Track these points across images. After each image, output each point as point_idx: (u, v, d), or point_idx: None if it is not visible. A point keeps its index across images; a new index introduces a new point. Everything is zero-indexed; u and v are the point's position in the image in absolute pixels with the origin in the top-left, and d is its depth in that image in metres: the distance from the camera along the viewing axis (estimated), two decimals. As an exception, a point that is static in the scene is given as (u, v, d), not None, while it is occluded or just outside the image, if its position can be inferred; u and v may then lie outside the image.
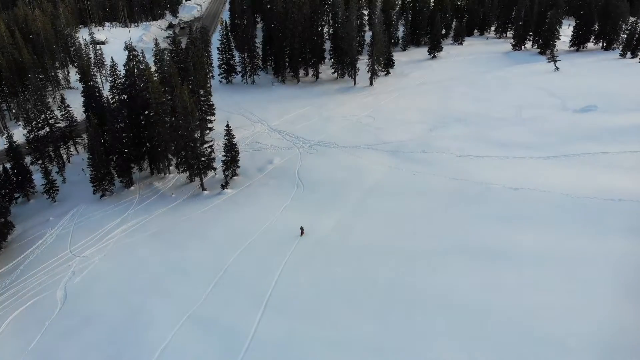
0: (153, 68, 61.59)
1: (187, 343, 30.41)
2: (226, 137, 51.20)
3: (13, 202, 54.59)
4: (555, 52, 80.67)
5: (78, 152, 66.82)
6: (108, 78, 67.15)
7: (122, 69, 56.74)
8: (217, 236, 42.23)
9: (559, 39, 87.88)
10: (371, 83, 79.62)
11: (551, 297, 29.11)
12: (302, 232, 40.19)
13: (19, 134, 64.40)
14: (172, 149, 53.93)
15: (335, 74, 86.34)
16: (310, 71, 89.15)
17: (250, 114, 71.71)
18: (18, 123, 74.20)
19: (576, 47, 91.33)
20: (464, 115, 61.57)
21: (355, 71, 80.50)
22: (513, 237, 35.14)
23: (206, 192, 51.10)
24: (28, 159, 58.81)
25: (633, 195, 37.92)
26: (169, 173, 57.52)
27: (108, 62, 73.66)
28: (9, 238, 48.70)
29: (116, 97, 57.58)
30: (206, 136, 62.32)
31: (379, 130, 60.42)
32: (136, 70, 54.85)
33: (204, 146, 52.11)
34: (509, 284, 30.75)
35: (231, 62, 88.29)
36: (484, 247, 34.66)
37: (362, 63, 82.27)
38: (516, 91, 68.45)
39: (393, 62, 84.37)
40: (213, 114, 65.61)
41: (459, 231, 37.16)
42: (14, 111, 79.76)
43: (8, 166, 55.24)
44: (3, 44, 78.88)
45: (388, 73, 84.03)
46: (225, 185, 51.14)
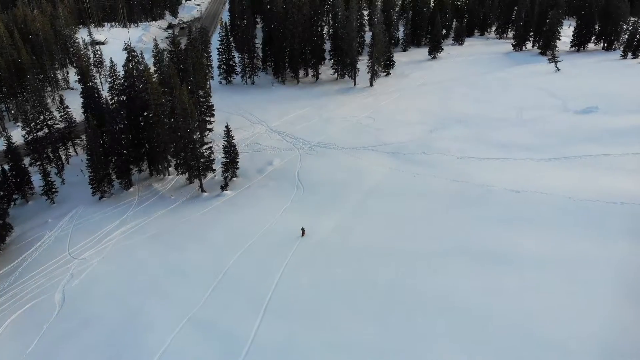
0: (152, 69, 61.35)
1: (187, 347, 30.21)
2: (226, 139, 50.97)
3: (11, 204, 54.33)
4: (556, 53, 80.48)
5: (77, 153, 66.55)
6: (107, 79, 66.82)
7: (121, 70, 56.48)
8: (217, 238, 42.01)
9: (560, 40, 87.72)
10: (371, 84, 79.39)
11: (552, 300, 28.98)
12: (303, 233, 40.02)
13: (18, 135, 64.25)
14: (172, 150, 53.70)
15: (335, 75, 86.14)
16: (310, 72, 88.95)
17: (249, 115, 71.47)
18: (17, 124, 73.92)
19: (577, 48, 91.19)
20: (465, 116, 61.33)
21: (355, 72, 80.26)
22: (514, 240, 34.98)
23: (205, 194, 50.88)
24: (27, 160, 58.56)
25: (635, 198, 37.74)
26: (168, 174, 57.29)
27: (107, 63, 73.35)
28: (7, 240, 48.47)
29: (115, 98, 57.32)
30: (206, 137, 62.11)
31: (379, 131, 60.19)
32: (135, 71, 54.60)
33: (204, 147, 51.96)
34: (510, 287, 30.61)
35: (231, 63, 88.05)
36: (485, 250, 34.50)
37: (362, 63, 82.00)
38: (517, 92, 68.22)
39: (393, 63, 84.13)
40: (212, 115, 65.36)
41: (460, 233, 36.97)
42: (13, 112, 79.49)
43: (7, 167, 55.00)
44: (2, 45, 78.70)
45: (388, 74, 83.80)
46: (224, 186, 50.93)
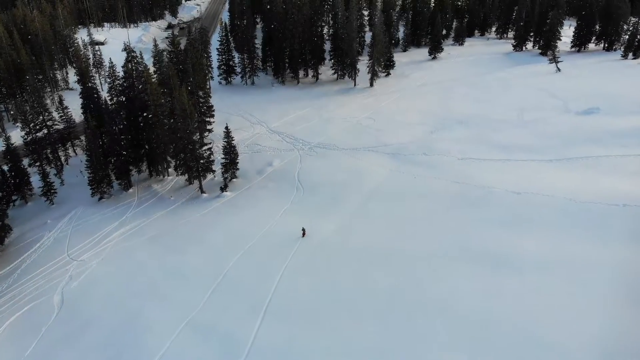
0: (152, 69, 61.13)
1: (186, 349, 30.01)
2: (225, 139, 50.76)
3: (10, 205, 54.15)
4: (556, 53, 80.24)
5: (76, 154, 66.36)
6: (107, 79, 66.68)
7: (121, 70, 56.28)
8: (216, 240, 41.79)
9: (560, 40, 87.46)
10: (371, 84, 79.17)
11: (553, 302, 28.86)
12: (304, 234, 39.85)
13: (17, 136, 64.00)
14: (171, 151, 53.48)
15: (335, 75, 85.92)
16: (310, 72, 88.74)
17: (249, 116, 71.25)
18: (16, 125, 73.67)
19: (577, 48, 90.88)
20: (465, 117, 61.07)
21: (355, 72, 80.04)
22: (515, 242, 34.79)
23: (205, 195, 50.67)
24: (26, 161, 58.38)
25: (637, 200, 37.51)
26: (168, 175, 57.08)
27: (107, 63, 73.16)
28: (6, 241, 48.30)
29: (115, 99, 57.12)
30: (205, 138, 61.95)
31: (380, 132, 59.97)
32: (134, 71, 54.39)
33: (203, 148, 51.76)
34: (511, 289, 30.46)
35: (230, 63, 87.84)
36: (486, 252, 34.32)
37: (363, 64, 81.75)
38: (517, 93, 67.94)
39: (393, 63, 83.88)
40: (212, 116, 65.14)
41: (461, 235, 36.76)
42: (12, 113, 79.32)
43: (6, 168, 54.82)
44: (1, 45, 78.47)
45: (388, 74, 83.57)
46: (224, 187, 50.70)
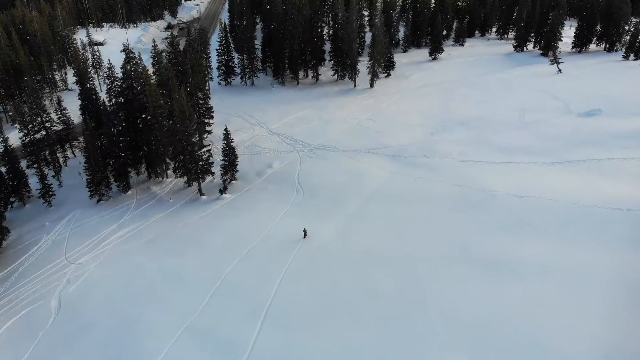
0: (151, 70, 60.77)
1: (184, 355, 29.65)
2: (224, 141, 50.40)
3: (8, 207, 53.75)
4: (557, 54, 79.90)
5: (75, 155, 65.99)
6: (105, 80, 66.26)
7: (120, 71, 55.90)
8: (215, 243, 41.42)
9: (561, 41, 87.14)
10: (372, 85, 78.84)
11: (555, 307, 28.58)
12: (305, 235, 39.58)
13: (15, 137, 63.63)
14: (170, 153, 53.12)
15: (335, 76, 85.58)
16: (310, 73, 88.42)
17: (249, 117, 70.89)
18: (14, 126, 73.21)
19: (578, 49, 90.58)
20: (466, 118, 60.73)
21: (355, 73, 79.69)
22: (517, 246, 34.44)
23: (204, 197, 50.31)
24: (24, 163, 58.00)
25: (641, 204, 37.18)
26: (167, 177, 56.71)
27: (105, 64, 72.77)
28: (4, 244, 47.91)
29: (113, 100, 56.78)
30: (205, 139, 61.57)
31: (380, 133, 59.61)
32: (133, 72, 54.01)
33: (202, 150, 51.39)
34: (513, 294, 30.14)
35: (230, 64, 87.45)
36: (488, 256, 33.97)
37: (363, 65, 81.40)
38: (518, 94, 67.60)
39: (394, 64, 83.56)
40: (211, 117, 64.73)
41: (462, 239, 36.41)
42: (10, 114, 78.93)
43: (3, 170, 54.42)
44: (0, 46, 78.05)
45: (389, 75, 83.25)
46: (223, 190, 50.30)
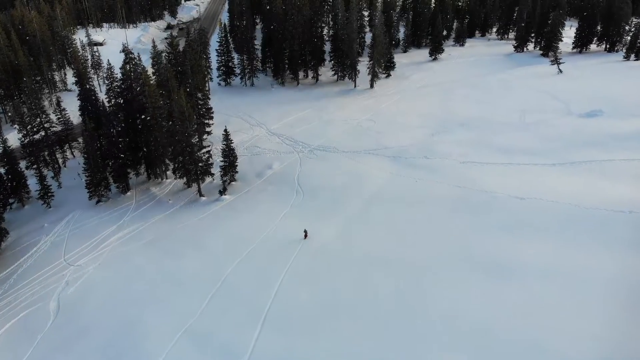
0: (151, 71, 60.57)
1: (184, 358, 29.46)
2: (224, 142, 50.21)
3: (7, 208, 53.57)
4: (558, 54, 79.69)
5: (74, 156, 65.76)
6: (105, 81, 66.04)
7: (119, 72, 55.68)
8: (215, 245, 41.23)
9: (562, 41, 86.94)
10: (372, 85, 78.64)
11: (556, 310, 28.52)
12: (306, 235, 39.43)
13: (14, 138, 63.34)
14: (169, 154, 52.96)
15: (335, 76, 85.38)
16: (310, 73, 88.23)
17: (249, 117, 70.68)
18: (13, 126, 73.01)
19: (579, 49, 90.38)
20: (466, 119, 60.53)
21: (355, 73, 79.50)
22: (518, 249, 34.30)
23: (204, 198, 50.11)
24: (23, 164, 57.71)
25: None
26: (166, 178, 56.52)
27: (105, 65, 72.54)
28: (3, 245, 47.66)
29: (113, 101, 56.58)
30: (204, 140, 61.37)
31: (380, 134, 59.42)
32: (132, 73, 53.82)
33: (202, 151, 51.19)
34: (513, 297, 30.03)
35: (230, 64, 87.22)
36: (488, 258, 33.83)
37: (363, 65, 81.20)
38: (519, 94, 67.40)
39: (394, 64, 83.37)
40: (211, 118, 64.57)
41: (463, 241, 36.24)
42: (9, 114, 78.67)
43: (2, 171, 54.22)
44: (-1, 46, 77.95)
45: (389, 75, 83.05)
46: (223, 191, 50.11)
